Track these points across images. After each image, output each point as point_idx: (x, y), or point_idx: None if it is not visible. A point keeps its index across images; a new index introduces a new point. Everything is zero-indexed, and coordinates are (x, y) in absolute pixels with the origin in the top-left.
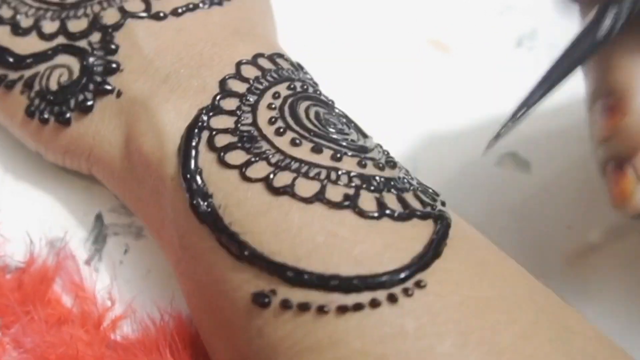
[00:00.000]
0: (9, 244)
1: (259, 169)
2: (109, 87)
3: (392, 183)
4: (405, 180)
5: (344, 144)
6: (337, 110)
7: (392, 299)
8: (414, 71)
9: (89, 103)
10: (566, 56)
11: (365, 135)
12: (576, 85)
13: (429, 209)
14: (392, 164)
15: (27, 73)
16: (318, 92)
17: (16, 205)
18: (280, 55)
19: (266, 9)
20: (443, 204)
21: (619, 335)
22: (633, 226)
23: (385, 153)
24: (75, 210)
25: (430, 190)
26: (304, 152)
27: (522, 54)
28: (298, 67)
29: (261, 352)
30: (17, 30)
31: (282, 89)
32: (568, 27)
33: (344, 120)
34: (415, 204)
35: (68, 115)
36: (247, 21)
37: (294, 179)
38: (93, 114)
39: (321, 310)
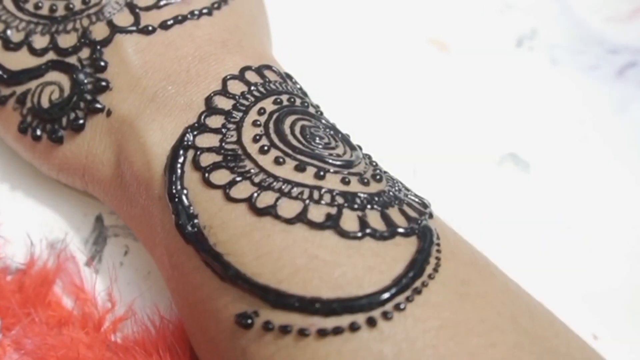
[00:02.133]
0: (9, 245)
1: (243, 189)
2: (99, 106)
3: (376, 199)
4: (391, 194)
5: (329, 160)
6: (324, 122)
7: (372, 322)
8: (414, 70)
9: (81, 122)
10: None
11: (353, 147)
12: (576, 86)
13: (413, 224)
14: (378, 177)
15: (19, 89)
16: (305, 104)
17: (17, 207)
18: (268, 67)
19: (258, 12)
20: (431, 215)
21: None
22: None
23: (373, 164)
24: (75, 212)
25: (418, 201)
26: (287, 170)
27: (522, 53)
28: (286, 78)
29: None
30: (8, 44)
31: (268, 104)
32: (568, 26)
33: (331, 132)
34: (399, 220)
35: (60, 133)
36: (237, 30)
37: (277, 199)
38: (85, 132)
39: (302, 333)
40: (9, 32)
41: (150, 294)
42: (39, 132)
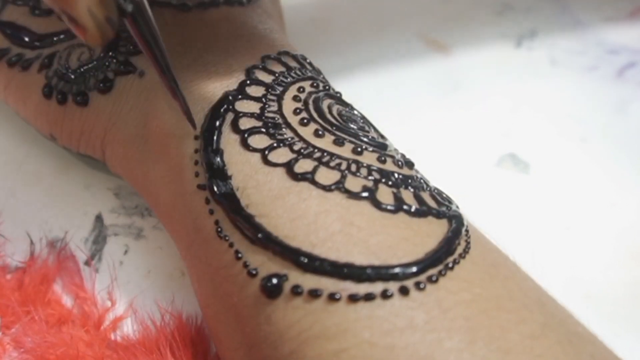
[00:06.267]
0: (9, 244)
1: (281, 154)
2: (131, 68)
3: (409, 181)
4: (422, 181)
5: (365, 139)
6: (355, 112)
7: (404, 291)
8: (414, 71)
9: (109, 83)
10: None
11: (383, 137)
12: (575, 86)
13: (444, 209)
14: (410, 164)
15: (46, 52)
16: (338, 94)
17: (17, 206)
18: (304, 58)
19: (279, 15)
20: (457, 207)
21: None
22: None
23: (402, 155)
24: (75, 210)
25: (445, 195)
26: (326, 143)
27: (521, 53)
28: (319, 72)
29: (269, 338)
30: (36, 10)
31: (307, 85)
32: (567, 27)
33: (363, 120)
34: (432, 203)
35: (87, 95)
36: (268, 23)
37: (315, 167)
38: (111, 93)
39: (332, 297)
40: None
41: (150, 292)
42: (64, 95)
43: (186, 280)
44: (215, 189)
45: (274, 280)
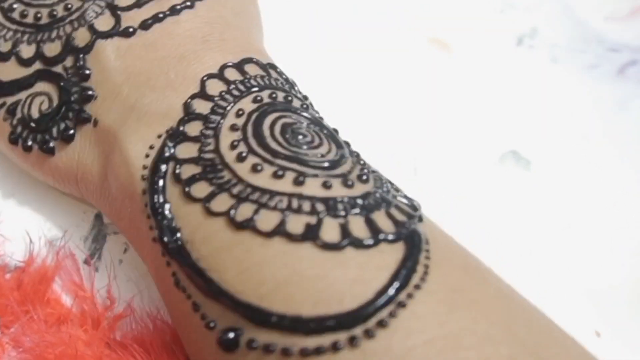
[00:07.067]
0: (8, 243)
1: (222, 202)
2: (86, 116)
3: (360, 202)
4: (378, 196)
5: (311, 162)
6: (308, 117)
7: (353, 341)
8: (415, 69)
9: (71, 132)
10: None
11: (339, 145)
12: (576, 84)
13: (400, 228)
14: (364, 177)
15: (9, 100)
16: (289, 98)
17: (16, 205)
18: (250, 60)
19: (248, 2)
20: (420, 219)
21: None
22: None
23: (361, 163)
24: (74, 209)
25: (408, 203)
26: (265, 179)
27: (522, 52)
28: (269, 69)
29: None
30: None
31: (247, 103)
32: (568, 25)
33: (315, 129)
34: (386, 225)
35: (51, 144)
36: (219, 21)
37: (255, 211)
38: (75, 143)
39: (285, 352)
40: None
41: (150, 291)
42: (29, 143)
43: None
44: (167, 243)
45: (231, 335)
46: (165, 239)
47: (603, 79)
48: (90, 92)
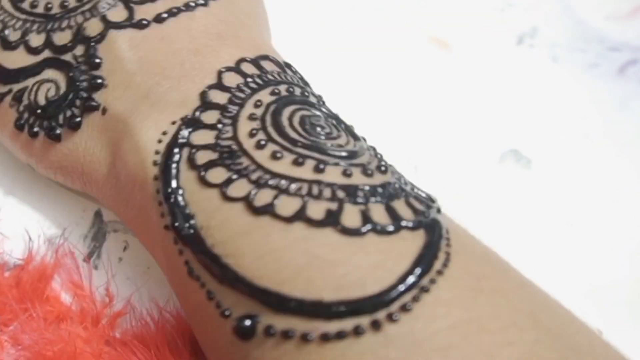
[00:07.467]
0: (7, 241)
1: (240, 187)
2: (94, 104)
3: (380, 191)
4: (397, 186)
5: (330, 151)
6: (325, 111)
7: (376, 325)
8: (415, 68)
9: (77, 119)
10: None
11: (356, 138)
12: (577, 84)
13: (420, 217)
14: (383, 168)
15: (16, 87)
16: (306, 94)
17: (15, 203)
18: (266, 57)
19: (256, 3)
20: (439, 210)
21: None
22: None
23: (378, 156)
24: (74, 207)
25: (425, 196)
26: (284, 165)
27: (522, 51)
28: (285, 67)
29: None
30: (6, 44)
31: (265, 95)
32: (569, 24)
33: (333, 122)
34: (406, 213)
35: (58, 131)
36: (233, 20)
37: (275, 197)
38: (82, 131)
39: (304, 338)
40: (6, 31)
41: (149, 289)
42: (36, 129)
43: None
44: (180, 230)
45: (247, 322)
46: (178, 225)
47: (603, 79)
48: (99, 81)
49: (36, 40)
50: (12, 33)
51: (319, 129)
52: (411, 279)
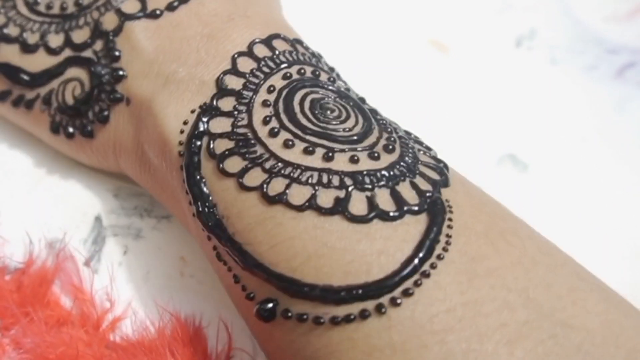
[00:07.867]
0: (8, 245)
1: (255, 176)
2: (119, 96)
3: (385, 174)
4: (403, 165)
5: (339, 137)
6: (334, 90)
7: (380, 309)
8: (414, 70)
9: (105, 113)
10: None
11: (366, 117)
12: (575, 86)
13: (423, 199)
14: (390, 147)
15: (43, 91)
16: (317, 73)
17: (16, 207)
18: (277, 36)
19: None
20: (445, 183)
21: None
22: None
23: (388, 131)
24: (74, 211)
25: (434, 165)
26: (296, 154)
27: (521, 53)
28: (296, 44)
29: (274, 354)
30: (26, 47)
31: (278, 80)
32: (567, 26)
33: (342, 102)
34: (410, 197)
35: (89, 127)
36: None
37: (287, 186)
38: (110, 123)
39: (317, 321)
40: (25, 34)
41: (149, 293)
42: (71, 130)
43: (185, 281)
44: (205, 219)
45: (269, 305)
46: (203, 214)
47: (602, 81)
48: (121, 72)
49: (55, 40)
50: (31, 36)
51: (328, 112)
52: (413, 265)
